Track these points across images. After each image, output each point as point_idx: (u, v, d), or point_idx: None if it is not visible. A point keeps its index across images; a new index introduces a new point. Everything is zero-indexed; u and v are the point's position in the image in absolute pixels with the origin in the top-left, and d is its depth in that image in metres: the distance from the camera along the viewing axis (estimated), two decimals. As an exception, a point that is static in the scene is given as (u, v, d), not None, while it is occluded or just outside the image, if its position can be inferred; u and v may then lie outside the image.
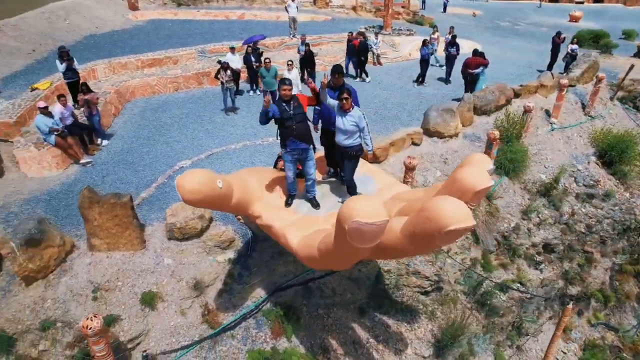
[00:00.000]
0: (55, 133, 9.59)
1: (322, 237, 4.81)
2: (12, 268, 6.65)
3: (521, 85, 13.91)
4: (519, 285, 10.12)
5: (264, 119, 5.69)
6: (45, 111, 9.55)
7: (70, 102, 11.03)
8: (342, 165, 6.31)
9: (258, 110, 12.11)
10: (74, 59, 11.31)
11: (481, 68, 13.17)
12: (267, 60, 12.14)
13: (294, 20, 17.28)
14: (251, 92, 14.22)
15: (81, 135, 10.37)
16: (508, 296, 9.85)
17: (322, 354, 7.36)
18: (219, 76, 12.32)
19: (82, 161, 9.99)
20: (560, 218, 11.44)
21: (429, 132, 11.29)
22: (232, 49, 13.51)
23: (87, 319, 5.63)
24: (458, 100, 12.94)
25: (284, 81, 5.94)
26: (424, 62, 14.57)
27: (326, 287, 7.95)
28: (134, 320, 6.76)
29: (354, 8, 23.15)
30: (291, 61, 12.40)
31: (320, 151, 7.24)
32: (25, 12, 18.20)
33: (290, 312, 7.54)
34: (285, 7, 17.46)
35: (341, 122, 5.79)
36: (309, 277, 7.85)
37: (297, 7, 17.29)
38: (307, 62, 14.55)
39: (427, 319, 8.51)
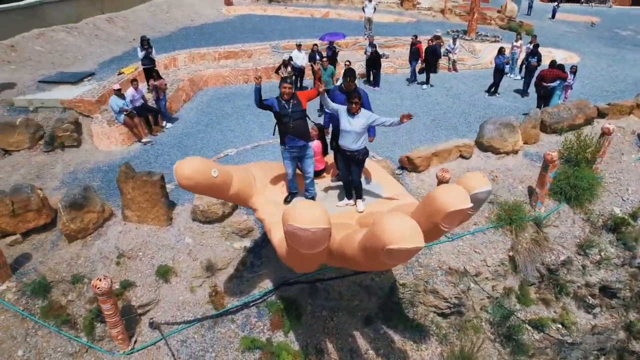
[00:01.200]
0: (125, 113, 10.76)
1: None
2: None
3: (609, 104, 12.30)
4: (559, 326, 9.05)
5: (257, 98, 5.81)
6: (119, 93, 10.76)
7: (143, 87, 12.26)
8: (344, 169, 6.18)
9: (314, 108, 12.47)
10: (153, 47, 12.52)
11: (558, 82, 11.90)
12: (324, 60, 12.27)
13: (369, 20, 17.16)
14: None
15: (147, 116, 11.47)
16: (543, 336, 8.86)
17: (316, 355, 7.35)
18: (279, 72, 12.74)
19: (143, 140, 11.07)
20: (632, 260, 9.95)
21: (482, 146, 10.55)
22: (299, 46, 13.87)
23: (98, 279, 6.32)
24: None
25: (285, 79, 6.02)
26: (498, 72, 13.56)
27: (333, 290, 7.90)
28: (147, 289, 7.40)
29: (442, 11, 22.24)
30: (348, 61, 12.38)
31: (331, 154, 7.20)
32: (136, 6, 20.52)
33: (293, 307, 7.64)
34: (362, 7, 17.39)
35: (349, 123, 5.67)
36: (317, 277, 7.86)
37: (374, 8, 17.13)
38: (373, 63, 14.40)
39: (437, 341, 8.04)
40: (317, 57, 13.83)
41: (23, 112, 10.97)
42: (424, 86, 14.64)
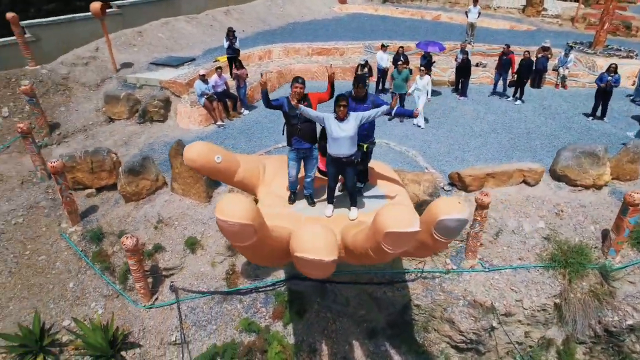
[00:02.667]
0: (206, 96, 11.90)
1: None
2: (121, 187, 8.95)
3: None
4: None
5: (264, 99, 5.94)
6: (203, 78, 11.92)
7: (227, 74, 13.34)
8: (334, 175, 6.00)
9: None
10: (237, 38, 13.50)
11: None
12: (400, 63, 11.90)
13: (472, 26, 16.01)
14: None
15: (225, 102, 12.50)
16: (580, 404, 7.58)
17: (308, 354, 7.39)
18: (358, 72, 12.76)
19: (218, 123, 12.12)
20: None
21: (554, 174, 9.29)
22: (384, 47, 13.65)
23: (126, 237, 7.25)
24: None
25: (297, 79, 6.02)
26: (603, 93, 11.67)
27: (341, 294, 7.82)
28: (175, 255, 8.22)
29: (572, 19, 19.65)
30: (423, 67, 11.82)
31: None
32: (255, 0, 22.23)
33: (298, 302, 7.76)
34: (466, 11, 16.29)
35: (339, 129, 5.51)
36: (328, 278, 7.85)
37: (479, 13, 15.91)
38: (462, 71, 13.51)
39: (442, 375, 7.44)
40: (401, 59, 13.46)
41: (131, 88, 12.82)
42: (517, 102, 13.27)
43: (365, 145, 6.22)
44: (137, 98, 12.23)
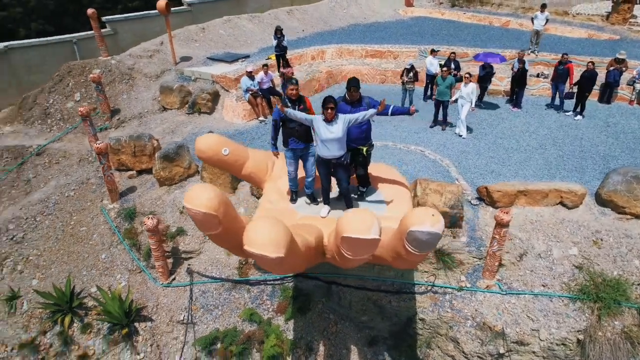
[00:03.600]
0: (250, 92, 12.36)
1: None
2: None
3: None
4: None
5: (273, 131, 6.12)
6: (250, 74, 12.40)
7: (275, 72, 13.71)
8: (326, 176, 5.98)
9: (429, 117, 11.90)
10: (284, 36, 13.80)
11: None
12: (445, 69, 11.45)
13: (537, 33, 14.89)
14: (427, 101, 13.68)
15: (270, 98, 12.87)
16: None
17: (304, 352, 7.45)
18: (402, 77, 12.53)
19: (260, 118, 12.53)
20: None
21: (599, 199, 8.46)
22: (434, 52, 13.23)
23: (147, 217, 7.81)
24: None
25: (291, 81, 6.10)
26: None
27: (345, 297, 7.77)
28: (195, 241, 8.68)
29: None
30: (469, 74, 11.28)
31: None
32: (321, 0, 22.56)
33: (302, 299, 7.84)
34: (532, 17, 15.17)
35: (328, 132, 5.51)
36: (333, 279, 7.85)
37: (546, 19, 14.75)
38: (518, 81, 12.71)
39: (439, 395, 7.11)
40: (452, 65, 12.98)
41: (187, 80, 13.67)
42: (577, 117, 12.20)
43: (364, 149, 6.16)
44: (188, 90, 13.01)
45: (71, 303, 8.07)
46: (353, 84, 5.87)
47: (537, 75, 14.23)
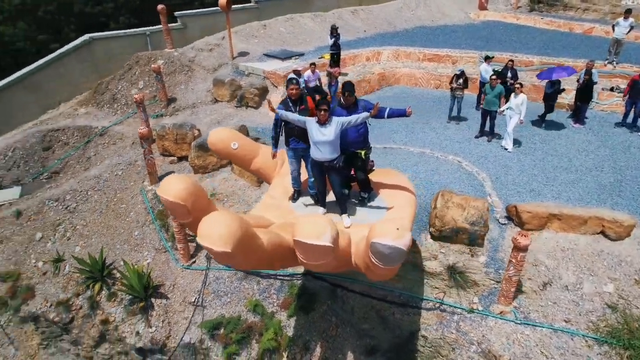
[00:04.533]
0: (296, 90, 12.57)
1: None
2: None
3: None
4: None
5: (273, 130, 6.19)
6: (296, 72, 12.60)
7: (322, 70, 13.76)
8: (320, 179, 5.90)
9: (478, 127, 11.29)
10: (340, 36, 13.80)
11: None
12: (494, 77, 10.72)
13: (617, 42, 13.34)
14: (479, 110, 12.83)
15: (314, 97, 12.95)
16: None
17: (300, 350, 7.48)
18: (452, 82, 12.00)
19: (302, 116, 12.70)
20: None
21: (650, 233, 7.48)
22: (488, 59, 12.47)
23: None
24: None
25: (292, 80, 6.07)
26: None
27: (347, 302, 7.68)
28: (216, 227, 9.06)
29: None
30: (520, 84, 10.46)
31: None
32: (390, 1, 22.25)
33: (307, 298, 7.88)
34: (613, 24, 13.60)
35: (321, 134, 5.44)
36: (339, 282, 7.80)
37: (630, 27, 13.13)
38: (582, 94, 11.57)
39: (431, 418, 6.78)
40: (509, 74, 12.17)
41: (241, 75, 14.25)
42: (646, 136, 10.84)
43: (363, 152, 6.04)
44: (239, 84, 13.55)
45: (102, 272, 8.85)
46: (347, 88, 5.80)
47: (612, 89, 12.84)
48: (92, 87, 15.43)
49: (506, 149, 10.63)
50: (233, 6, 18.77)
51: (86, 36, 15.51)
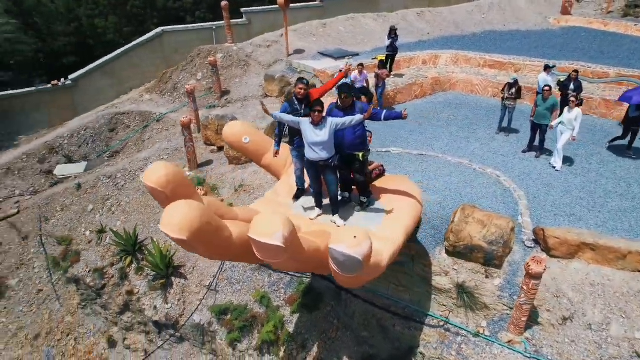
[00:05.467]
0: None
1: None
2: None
3: None
4: None
5: (277, 129, 6.25)
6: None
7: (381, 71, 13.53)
8: (315, 180, 5.85)
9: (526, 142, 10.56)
10: (398, 37, 13.52)
11: None
12: (547, 88, 9.83)
13: None
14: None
15: (359, 98, 12.87)
16: None
17: (296, 347, 7.53)
18: (503, 92, 11.27)
19: (345, 117, 12.68)
20: None
21: (702, 278, 6.48)
22: (547, 68, 11.46)
23: (198, 188, 8.75)
24: None
25: (302, 80, 6.06)
26: None
27: (350, 307, 7.58)
28: (239, 217, 9.39)
29: None
30: (575, 97, 9.49)
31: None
32: (461, 4, 21.34)
33: (312, 297, 7.91)
34: None
35: (315, 135, 5.43)
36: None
37: None
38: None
39: None
40: (571, 85, 11.14)
41: (293, 72, 14.54)
42: None
43: (361, 154, 5.93)
44: (288, 81, 13.83)
45: (134, 247, 9.59)
46: (344, 90, 5.77)
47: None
48: (158, 76, 16.65)
49: (554, 167, 9.76)
50: (297, 4, 19.26)
51: (158, 29, 16.77)
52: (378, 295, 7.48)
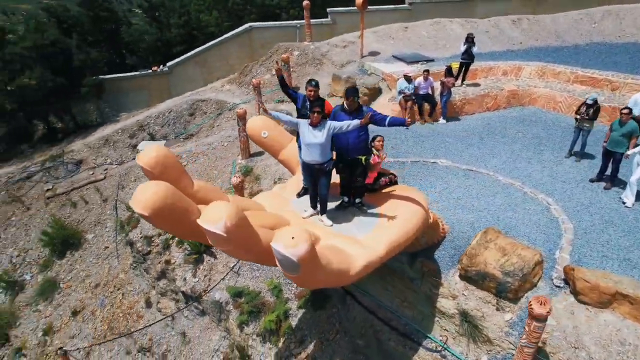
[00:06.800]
0: (403, 95, 12.32)
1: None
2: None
3: None
4: None
5: (281, 84, 6.57)
6: (407, 77, 12.31)
7: (448, 78, 12.94)
8: (309, 181, 5.85)
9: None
10: (475, 44, 12.78)
11: None
12: (626, 111, 8.50)
13: None
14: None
15: (422, 105, 12.46)
16: None
17: (294, 341, 7.67)
18: (580, 111, 10.09)
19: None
20: None
21: None
22: (643, 90, 9.91)
23: (235, 176, 9.33)
24: None
25: (311, 82, 6.08)
26: None
27: (351, 312, 7.51)
28: (272, 208, 9.78)
29: None
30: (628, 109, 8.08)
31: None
32: (568, 11, 19.30)
33: (319, 297, 7.98)
34: None
35: (313, 136, 5.45)
36: (349, 290, 7.67)
37: None
38: None
39: None
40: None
41: (363, 73, 14.57)
42: None
43: (363, 158, 5.87)
44: (354, 82, 13.87)
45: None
46: (351, 93, 5.69)
47: None
48: (242, 68, 17.82)
49: (624, 203, 8.50)
50: (385, 6, 19.12)
51: (247, 25, 17.92)
52: (382, 306, 7.30)
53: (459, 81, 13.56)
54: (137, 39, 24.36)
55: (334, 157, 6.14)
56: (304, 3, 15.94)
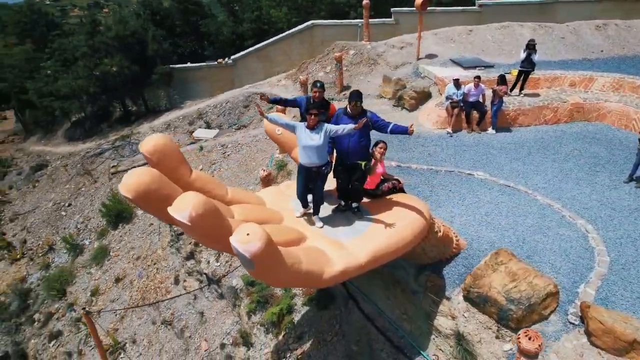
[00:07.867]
0: (450, 101, 11.82)
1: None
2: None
3: None
4: None
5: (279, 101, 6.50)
6: (456, 82, 11.78)
7: (501, 87, 12.17)
8: (302, 184, 5.84)
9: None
10: (536, 52, 11.90)
11: None
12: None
13: None
14: None
15: (470, 113, 11.84)
16: None
17: (293, 336, 7.77)
18: (645, 131, 8.98)
19: (447, 130, 11.84)
20: None
21: None
22: None
23: (262, 169, 9.62)
24: None
25: (316, 83, 6.04)
26: None
27: (351, 315, 7.43)
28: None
29: None
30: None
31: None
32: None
33: (325, 297, 8.00)
34: None
35: (310, 139, 5.44)
36: (352, 292, 7.61)
37: None
38: None
39: None
40: None
41: (417, 76, 14.21)
42: None
43: (363, 163, 5.80)
44: (404, 84, 13.55)
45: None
46: (355, 97, 5.64)
47: None
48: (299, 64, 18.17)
49: (680, 242, 7.45)
50: (453, 7, 18.38)
51: (309, 22, 18.19)
52: (382, 315, 7.15)
53: (516, 90, 12.68)
54: (216, 31, 25.88)
55: (334, 160, 6.12)
56: (364, 2, 15.83)
